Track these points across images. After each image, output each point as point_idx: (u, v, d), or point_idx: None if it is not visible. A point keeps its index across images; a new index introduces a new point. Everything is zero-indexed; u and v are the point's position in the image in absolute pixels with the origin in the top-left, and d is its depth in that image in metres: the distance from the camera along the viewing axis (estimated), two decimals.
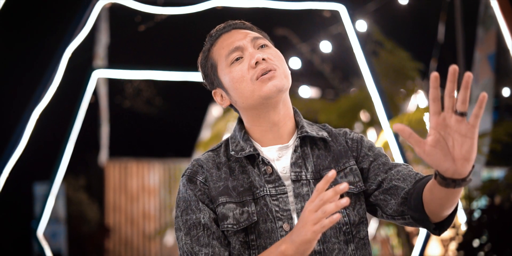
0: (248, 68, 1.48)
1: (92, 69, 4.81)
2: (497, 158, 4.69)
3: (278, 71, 1.48)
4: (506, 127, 4.41)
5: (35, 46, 6.73)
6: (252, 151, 1.49)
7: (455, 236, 4.28)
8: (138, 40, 7.08)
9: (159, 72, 5.02)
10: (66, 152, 4.38)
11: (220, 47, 1.54)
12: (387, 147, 3.95)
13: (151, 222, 9.26)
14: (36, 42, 6.98)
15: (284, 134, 1.53)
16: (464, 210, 4.33)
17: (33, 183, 7.52)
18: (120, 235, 9.12)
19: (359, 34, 4.17)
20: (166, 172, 9.48)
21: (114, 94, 8.75)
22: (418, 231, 4.54)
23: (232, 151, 1.52)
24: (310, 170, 1.49)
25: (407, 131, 1.19)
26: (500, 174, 6.66)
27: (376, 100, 3.99)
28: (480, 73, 4.56)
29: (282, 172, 1.49)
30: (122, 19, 5.45)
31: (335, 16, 4.42)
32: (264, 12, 4.35)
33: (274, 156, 1.51)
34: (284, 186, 1.47)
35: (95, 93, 7.05)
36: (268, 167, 1.48)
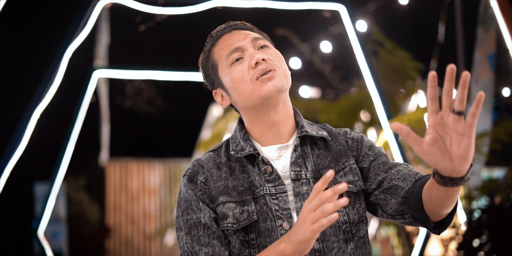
0: (248, 68, 1.49)
1: (92, 69, 4.81)
2: (497, 158, 4.70)
3: (278, 72, 1.49)
4: (506, 127, 4.42)
5: (35, 46, 6.74)
6: (252, 150, 1.50)
7: (455, 236, 4.29)
8: (138, 40, 7.09)
9: (159, 72, 5.02)
10: (66, 152, 4.39)
11: (220, 47, 1.55)
12: (387, 147, 3.96)
13: (152, 222, 9.27)
14: (36, 42, 6.99)
15: (284, 134, 1.54)
16: (464, 210, 4.34)
17: (33, 183, 7.54)
18: (120, 235, 9.13)
19: (359, 34, 4.18)
20: (166, 172, 9.49)
21: (115, 94, 8.75)
22: (418, 231, 4.55)
23: (232, 151, 1.53)
24: (310, 169, 1.50)
25: (405, 130, 1.19)
26: (500, 174, 6.66)
27: (376, 100, 3.99)
28: (480, 73, 4.57)
29: (282, 171, 1.50)
30: (122, 19, 5.45)
31: (335, 16, 4.43)
32: (264, 12, 4.36)
33: (274, 155, 1.52)
34: (283, 185, 1.48)
35: (95, 93, 7.06)
36: (268, 167, 1.49)
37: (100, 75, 5.02)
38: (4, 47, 6.81)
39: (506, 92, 6.45)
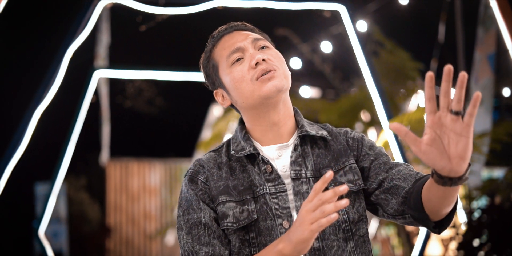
0: (249, 68, 1.50)
1: (93, 69, 4.81)
2: (497, 158, 4.70)
3: (278, 72, 1.50)
4: (506, 127, 4.42)
5: (36, 46, 6.75)
6: (252, 150, 1.51)
7: (455, 235, 4.29)
8: (139, 40, 7.09)
9: (160, 72, 5.02)
10: (67, 152, 4.39)
11: (221, 48, 1.56)
12: (387, 147, 3.96)
13: (152, 222, 9.28)
14: (37, 42, 7.00)
15: (284, 133, 1.55)
16: (464, 210, 4.34)
17: (34, 183, 7.55)
18: (121, 235, 9.14)
19: (359, 34, 4.18)
20: (167, 172, 9.50)
21: (115, 94, 8.75)
22: (418, 230, 4.55)
23: (232, 151, 1.54)
24: (310, 169, 1.51)
25: (403, 130, 1.20)
26: (500, 174, 6.66)
27: (376, 100, 3.99)
28: (480, 73, 4.57)
29: (282, 171, 1.51)
30: (123, 19, 5.45)
31: (335, 16, 4.43)
32: (264, 12, 4.36)
33: (274, 155, 1.53)
34: (283, 184, 1.49)
35: (96, 93, 7.08)
36: (268, 166, 1.50)
37: (101, 75, 5.03)
38: (5, 47, 6.82)
39: (506, 92, 6.46)
